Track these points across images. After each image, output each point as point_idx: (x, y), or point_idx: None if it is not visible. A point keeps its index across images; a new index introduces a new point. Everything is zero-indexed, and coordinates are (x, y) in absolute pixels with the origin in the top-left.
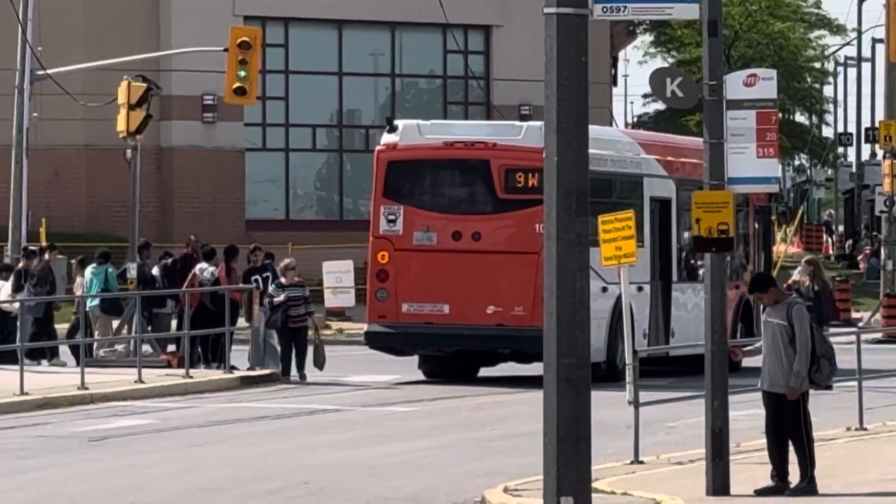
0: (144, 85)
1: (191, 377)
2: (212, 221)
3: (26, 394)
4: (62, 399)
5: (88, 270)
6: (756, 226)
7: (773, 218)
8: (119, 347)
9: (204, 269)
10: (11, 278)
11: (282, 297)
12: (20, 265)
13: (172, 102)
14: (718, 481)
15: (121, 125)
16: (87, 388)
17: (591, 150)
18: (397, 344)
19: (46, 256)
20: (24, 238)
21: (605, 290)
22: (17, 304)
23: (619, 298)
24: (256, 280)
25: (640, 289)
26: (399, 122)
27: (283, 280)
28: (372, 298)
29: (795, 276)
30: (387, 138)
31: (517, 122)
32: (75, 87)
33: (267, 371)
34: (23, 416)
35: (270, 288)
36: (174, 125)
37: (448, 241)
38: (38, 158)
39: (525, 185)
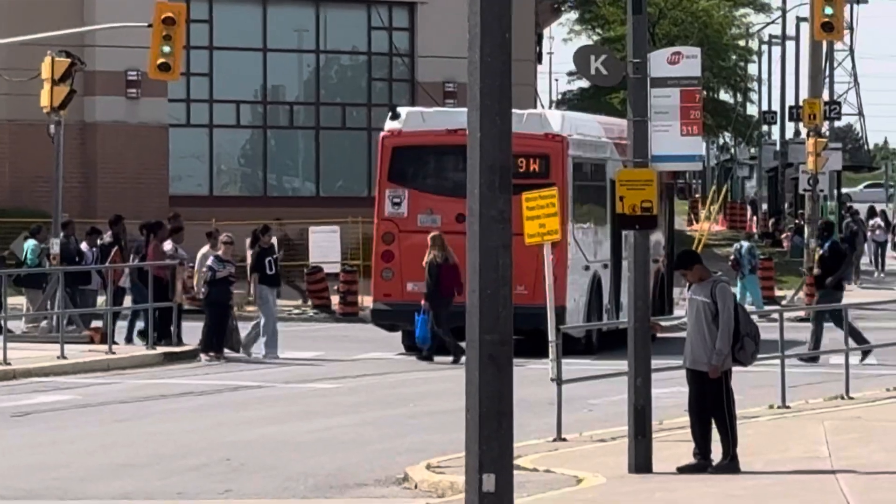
0: (68, 60)
1: (113, 353)
2: (136, 197)
3: None
4: None
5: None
6: (663, 204)
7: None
8: (42, 323)
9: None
10: None
11: (227, 272)
12: None
13: (96, 78)
14: (641, 459)
15: (44, 100)
16: (9, 364)
17: (579, 136)
18: (402, 321)
19: None
20: None
21: (586, 268)
22: None
23: (595, 274)
24: (270, 262)
25: (605, 266)
26: (402, 110)
27: (220, 254)
28: (377, 278)
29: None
30: (390, 125)
31: (517, 111)
32: None
33: (190, 348)
34: None
35: (209, 261)
36: (98, 101)
37: (452, 223)
38: None
39: (526, 170)
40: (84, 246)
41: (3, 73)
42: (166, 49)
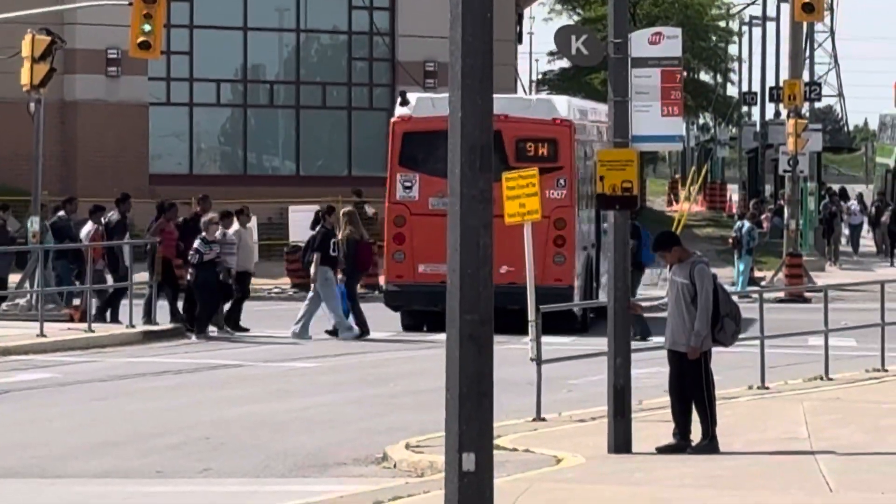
0: (48, 38)
1: (93, 331)
2: (115, 175)
3: None
4: None
5: None
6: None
7: None
8: (21, 301)
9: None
10: None
11: (213, 254)
12: None
13: (76, 56)
14: (620, 439)
15: (24, 78)
16: None
17: (579, 121)
18: (414, 302)
19: None
20: None
21: (584, 248)
22: None
23: (588, 255)
24: (335, 243)
25: (594, 246)
26: (412, 96)
27: (206, 235)
28: (389, 260)
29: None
30: (401, 111)
31: (526, 96)
32: None
33: (169, 326)
34: None
35: (197, 243)
36: (78, 79)
37: None
38: None
39: (535, 154)
40: (89, 225)
41: None
42: (147, 27)
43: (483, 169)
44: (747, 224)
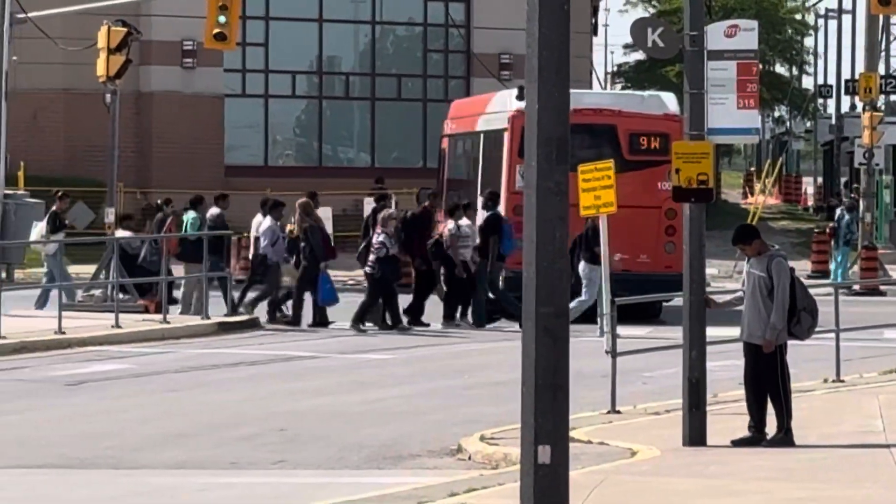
0: (124, 29)
1: (168, 322)
2: (190, 167)
3: (3, 337)
4: (39, 343)
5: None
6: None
7: None
8: (96, 292)
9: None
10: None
11: (395, 250)
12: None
13: (152, 47)
14: (695, 431)
15: (100, 69)
16: (64, 333)
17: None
18: None
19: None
20: (1, 181)
21: None
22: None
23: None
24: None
25: None
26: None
27: (386, 230)
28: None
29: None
30: (518, 105)
31: (638, 92)
32: (55, 30)
33: (245, 317)
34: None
35: (382, 238)
36: (153, 70)
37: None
38: (17, 102)
39: (648, 148)
40: (268, 220)
41: (59, 42)
42: (222, 19)
43: (559, 161)
44: (847, 216)
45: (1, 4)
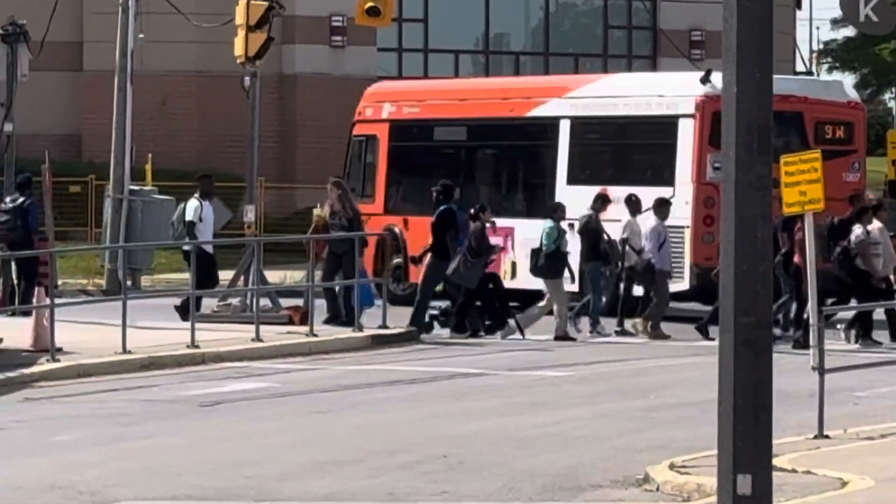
0: (266, 3)
1: (315, 335)
2: (340, 159)
3: (129, 352)
4: (169, 359)
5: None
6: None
7: None
8: (234, 301)
9: None
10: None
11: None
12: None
13: (296, 24)
14: None
15: (238, 49)
16: (197, 347)
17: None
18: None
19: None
20: (127, 176)
21: None
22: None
23: None
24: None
25: None
26: (717, 75)
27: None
28: (697, 241)
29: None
30: (705, 89)
31: (821, 78)
32: (187, 5)
33: (401, 329)
34: (126, 378)
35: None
36: (298, 49)
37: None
38: (143, 86)
39: (832, 137)
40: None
41: (192, 18)
42: None
43: (762, 152)
44: None
45: None
